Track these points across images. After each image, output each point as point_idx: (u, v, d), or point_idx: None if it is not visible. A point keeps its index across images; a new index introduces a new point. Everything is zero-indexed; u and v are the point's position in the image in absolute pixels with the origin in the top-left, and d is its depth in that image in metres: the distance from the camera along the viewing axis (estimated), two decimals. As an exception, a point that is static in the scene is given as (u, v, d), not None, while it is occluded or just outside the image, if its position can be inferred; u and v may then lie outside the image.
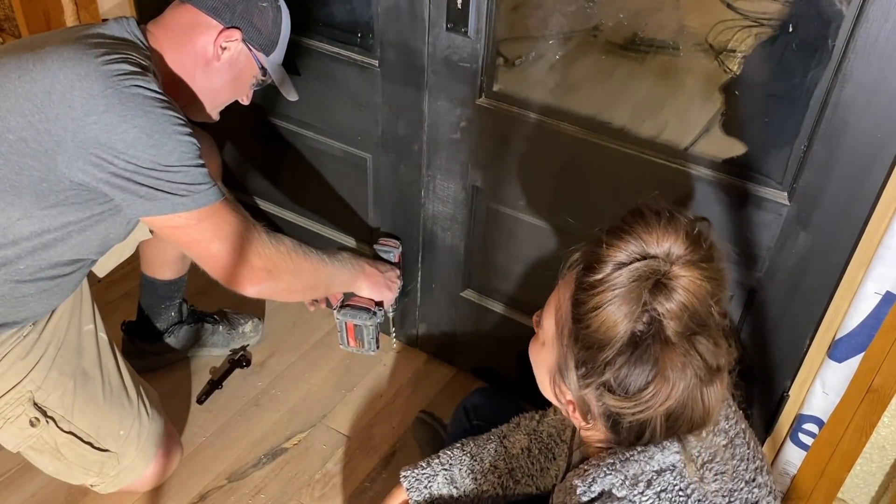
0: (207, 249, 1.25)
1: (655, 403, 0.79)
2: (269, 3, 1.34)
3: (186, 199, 1.18)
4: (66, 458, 1.41)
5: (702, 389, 0.80)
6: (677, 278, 0.78)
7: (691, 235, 0.80)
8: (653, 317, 0.78)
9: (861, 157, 1.11)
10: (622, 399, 0.80)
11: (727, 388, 0.86)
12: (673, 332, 0.78)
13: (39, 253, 1.23)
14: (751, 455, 0.91)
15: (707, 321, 0.80)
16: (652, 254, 0.79)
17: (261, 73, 1.39)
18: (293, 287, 1.40)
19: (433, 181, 1.61)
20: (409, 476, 1.23)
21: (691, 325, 0.78)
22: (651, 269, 0.78)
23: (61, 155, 1.12)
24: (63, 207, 1.19)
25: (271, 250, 1.31)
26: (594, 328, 0.80)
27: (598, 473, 0.84)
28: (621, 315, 0.78)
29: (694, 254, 0.79)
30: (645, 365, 0.78)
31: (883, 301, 1.21)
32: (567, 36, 1.32)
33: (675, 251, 0.79)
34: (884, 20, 1.01)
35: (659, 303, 0.77)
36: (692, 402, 0.81)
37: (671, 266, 0.79)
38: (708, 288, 0.79)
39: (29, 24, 2.07)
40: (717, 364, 0.80)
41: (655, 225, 0.80)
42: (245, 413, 1.75)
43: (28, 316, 1.32)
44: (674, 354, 0.78)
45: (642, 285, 0.78)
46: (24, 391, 1.34)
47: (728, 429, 0.90)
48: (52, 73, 1.12)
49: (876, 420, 1.34)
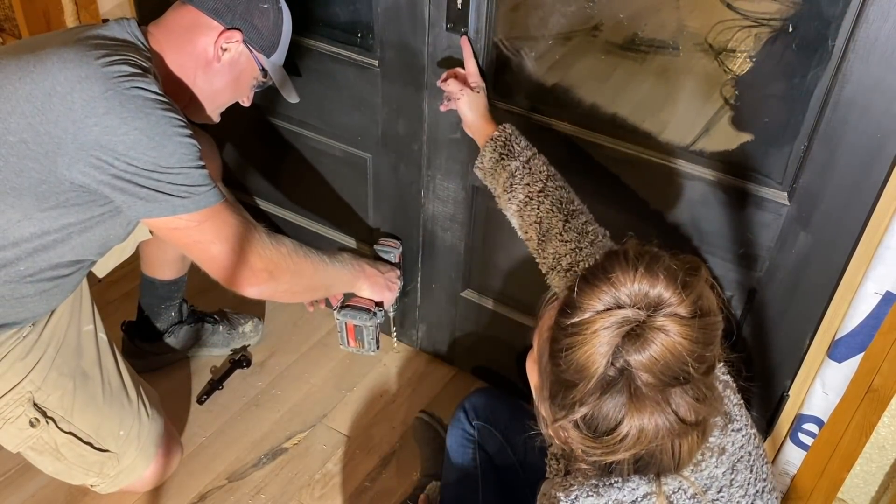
0: (208, 251, 1.25)
1: (620, 448, 0.77)
2: (271, 4, 1.34)
3: (187, 201, 1.18)
4: (66, 458, 1.41)
5: (673, 441, 0.79)
6: (653, 331, 0.74)
7: (674, 284, 0.76)
8: (624, 365, 0.75)
9: (861, 157, 1.11)
10: (588, 439, 0.79)
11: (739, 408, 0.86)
12: (644, 384, 0.75)
13: (39, 254, 1.22)
14: (752, 479, 0.90)
15: (688, 375, 0.75)
16: (628, 302, 0.76)
17: (261, 74, 1.38)
18: (294, 288, 1.40)
19: (433, 181, 1.61)
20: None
21: (665, 379, 0.75)
22: (625, 318, 0.75)
23: (62, 157, 1.12)
24: (63, 209, 1.19)
25: (272, 251, 1.31)
26: (564, 368, 0.79)
27: (580, 492, 0.84)
28: (592, 360, 0.76)
29: (678, 306, 0.75)
30: (613, 410, 0.76)
31: (883, 301, 1.21)
32: (567, 36, 1.32)
33: (654, 300, 0.75)
34: (884, 20, 1.01)
35: (630, 353, 0.74)
36: (661, 451, 0.79)
37: (649, 316, 0.75)
38: (686, 345, 0.75)
39: (29, 24, 2.07)
40: (694, 419, 0.77)
41: (633, 270, 0.76)
42: (245, 413, 1.75)
43: (28, 317, 1.32)
44: (643, 405, 0.75)
45: (615, 333, 0.75)
46: (23, 392, 1.34)
47: (733, 453, 0.89)
48: (53, 74, 1.11)
49: (876, 420, 1.34)
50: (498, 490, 1.40)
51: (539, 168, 1.24)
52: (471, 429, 1.44)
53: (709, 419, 0.80)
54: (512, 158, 1.26)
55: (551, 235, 1.19)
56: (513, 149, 1.27)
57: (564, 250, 1.17)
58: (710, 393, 0.79)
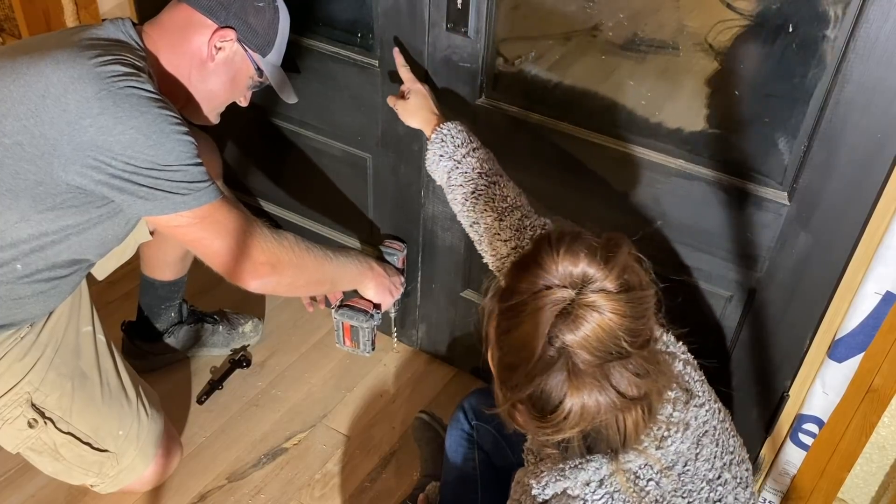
0: (210, 246, 1.25)
1: (566, 426, 0.79)
2: (266, 2, 1.33)
3: (187, 198, 1.18)
4: (66, 458, 1.41)
5: (617, 416, 0.80)
6: (583, 308, 0.77)
7: (596, 260, 0.78)
8: (561, 344, 0.77)
9: (861, 157, 1.11)
10: (536, 418, 0.81)
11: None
12: (582, 361, 0.77)
13: (37, 254, 1.22)
14: (718, 452, 0.92)
15: (622, 353, 0.77)
16: (557, 283, 0.78)
17: (257, 74, 1.38)
18: (296, 281, 1.39)
19: (433, 181, 1.60)
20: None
21: (601, 355, 0.77)
22: (556, 298, 0.78)
23: (57, 158, 1.12)
24: (60, 210, 1.19)
25: (274, 244, 1.32)
26: (507, 350, 0.82)
27: (550, 478, 0.86)
28: (529, 339, 0.78)
29: (604, 281, 0.78)
30: (555, 389, 0.78)
31: (883, 301, 1.20)
32: (567, 36, 1.32)
33: (578, 278, 0.78)
34: (884, 20, 1.01)
35: (564, 332, 0.77)
36: (607, 427, 0.81)
37: (578, 294, 0.77)
38: (617, 320, 0.77)
39: (29, 24, 2.07)
40: (636, 393, 0.79)
41: (556, 252, 0.79)
42: (245, 413, 1.75)
43: (25, 318, 1.32)
44: (582, 382, 0.77)
45: (549, 313, 0.77)
46: (21, 392, 1.34)
47: (697, 427, 0.91)
48: (46, 76, 1.11)
49: (876, 420, 1.34)
50: (497, 490, 1.40)
51: (471, 166, 1.25)
52: (470, 429, 1.43)
53: (652, 393, 0.82)
54: (447, 159, 1.28)
55: (490, 236, 1.21)
56: (447, 149, 1.28)
57: (506, 249, 1.18)
58: (652, 367, 0.81)
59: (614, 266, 0.79)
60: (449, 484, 1.42)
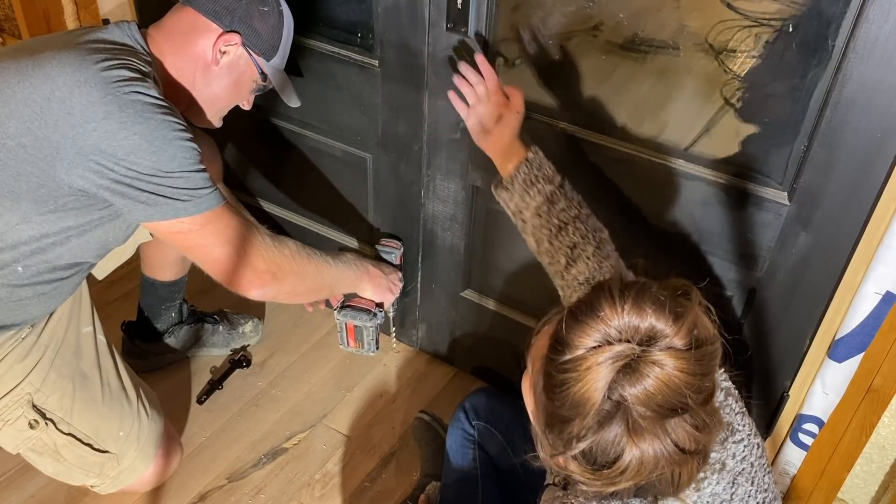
0: (210, 254, 1.25)
1: (621, 480, 0.76)
2: (271, 7, 1.32)
3: (188, 205, 1.18)
4: (66, 459, 1.41)
5: (672, 469, 0.77)
6: (648, 365, 0.73)
7: (664, 315, 0.74)
8: (620, 399, 0.74)
9: (861, 157, 1.11)
10: (588, 471, 0.78)
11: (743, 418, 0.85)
12: (640, 416, 0.74)
13: (37, 256, 1.22)
14: (752, 491, 0.90)
15: (686, 406, 0.74)
16: (619, 337, 0.74)
17: (261, 78, 1.37)
18: (297, 289, 1.40)
19: (433, 181, 1.61)
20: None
21: (663, 411, 0.74)
22: (618, 354, 0.73)
23: (60, 161, 1.12)
24: (62, 213, 1.18)
25: (275, 253, 1.31)
26: (560, 404, 0.77)
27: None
28: (588, 396, 0.75)
29: (673, 338, 0.74)
30: (611, 444, 0.75)
31: (883, 301, 1.20)
32: (567, 36, 1.32)
33: (645, 333, 0.74)
34: (884, 20, 1.01)
35: (624, 387, 0.73)
36: (661, 480, 0.78)
37: (643, 350, 0.73)
38: (683, 378, 0.73)
39: (29, 24, 2.07)
40: (693, 448, 0.76)
41: (621, 306, 0.75)
42: (245, 413, 1.75)
43: (26, 319, 1.32)
44: (641, 437, 0.74)
45: (610, 369, 0.74)
46: (22, 393, 1.34)
47: (733, 467, 0.89)
48: (52, 78, 1.11)
49: (876, 420, 1.34)
50: (498, 491, 1.40)
51: (571, 192, 1.21)
52: (471, 429, 1.43)
53: (709, 446, 0.79)
54: (547, 182, 1.22)
55: (580, 259, 1.16)
56: (546, 172, 1.23)
57: (587, 271, 1.14)
58: (710, 419, 0.77)
59: (684, 321, 0.74)
60: (450, 484, 1.42)
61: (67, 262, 1.27)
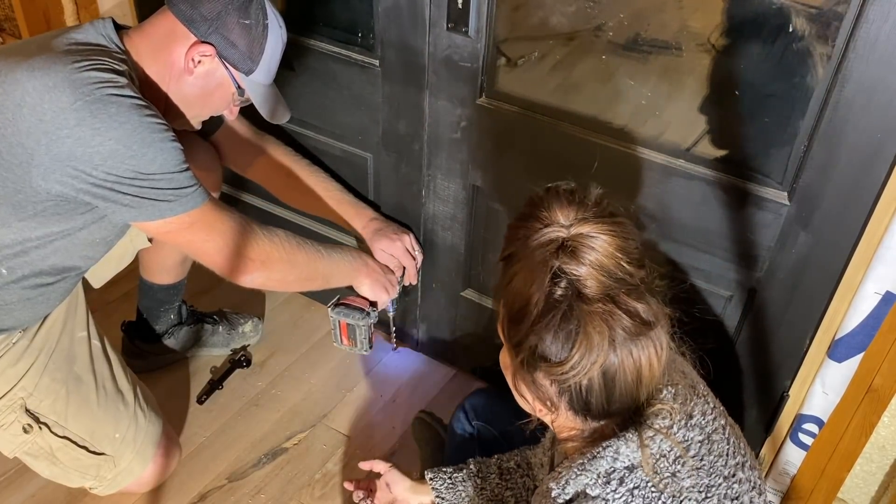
0: (202, 248, 1.26)
1: (587, 363, 0.81)
2: (255, 20, 1.26)
3: (174, 204, 1.17)
4: (62, 462, 1.41)
5: (630, 347, 0.82)
6: (580, 238, 0.83)
7: (575, 201, 0.86)
8: (569, 281, 0.82)
9: (861, 157, 1.12)
10: (555, 365, 0.82)
11: (674, 352, 0.90)
12: (591, 292, 0.81)
13: (21, 258, 1.22)
14: (730, 451, 0.92)
15: (627, 278, 0.82)
16: (549, 223, 0.85)
17: (237, 92, 1.32)
18: (287, 277, 1.39)
19: (434, 181, 1.61)
20: (436, 478, 1.29)
21: (609, 283, 0.82)
22: (551, 236, 0.84)
23: (36, 168, 1.10)
24: (42, 218, 1.17)
25: (263, 241, 1.32)
26: (512, 300, 0.86)
27: (569, 475, 0.87)
28: (531, 282, 0.83)
29: (588, 211, 0.85)
30: (567, 327, 0.81)
31: (883, 301, 1.21)
32: (569, 36, 1.32)
33: (566, 217, 0.85)
34: (884, 20, 1.01)
35: (569, 266, 0.82)
36: (624, 359, 0.82)
37: (570, 229, 0.84)
38: (613, 241, 0.83)
39: (29, 24, 2.07)
40: (644, 319, 0.82)
41: (539, 202, 0.87)
42: (245, 413, 1.75)
43: (14, 324, 1.31)
44: (594, 313, 0.81)
45: (546, 251, 0.83)
46: (15, 398, 1.33)
47: (704, 424, 0.91)
48: (22, 84, 1.09)
49: (876, 420, 1.34)
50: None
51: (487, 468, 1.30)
52: (471, 429, 1.44)
53: (657, 323, 0.84)
54: (459, 471, 1.30)
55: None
56: (451, 473, 1.30)
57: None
58: (650, 297, 0.84)
59: (590, 201, 0.87)
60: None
61: (53, 266, 1.26)
